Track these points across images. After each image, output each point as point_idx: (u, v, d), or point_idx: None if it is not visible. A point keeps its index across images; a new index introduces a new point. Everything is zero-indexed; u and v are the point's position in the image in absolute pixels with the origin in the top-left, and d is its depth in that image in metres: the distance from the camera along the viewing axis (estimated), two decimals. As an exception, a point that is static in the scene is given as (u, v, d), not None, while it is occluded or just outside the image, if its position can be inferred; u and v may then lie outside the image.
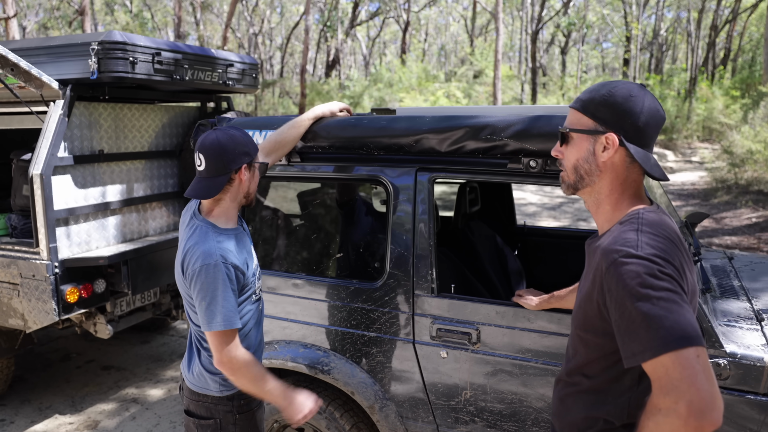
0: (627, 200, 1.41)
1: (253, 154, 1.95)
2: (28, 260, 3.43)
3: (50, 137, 3.36)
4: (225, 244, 1.89)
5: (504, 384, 2.28)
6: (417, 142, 2.30)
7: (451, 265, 2.94)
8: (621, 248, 1.26)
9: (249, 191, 2.00)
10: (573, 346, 1.49)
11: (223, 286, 1.83)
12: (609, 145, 1.37)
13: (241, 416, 2.02)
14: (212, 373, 1.99)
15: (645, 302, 1.19)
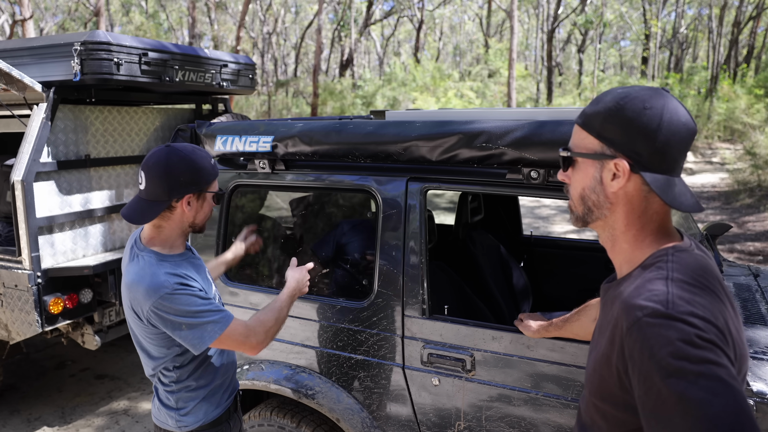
0: (649, 237, 1.14)
1: (202, 184, 1.74)
2: (10, 270, 3.29)
3: (32, 142, 3.22)
4: (175, 270, 1.71)
5: (501, 417, 2.08)
6: (406, 150, 2.10)
7: (449, 281, 2.74)
8: (646, 304, 0.99)
9: (195, 222, 1.80)
10: (589, 414, 1.20)
11: (192, 300, 1.66)
12: (619, 173, 1.10)
13: None
14: (168, 408, 1.86)
15: (680, 379, 0.92)
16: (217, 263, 2.28)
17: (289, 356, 2.45)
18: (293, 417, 2.44)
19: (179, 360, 1.80)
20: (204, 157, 1.75)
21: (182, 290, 1.65)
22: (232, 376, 2.02)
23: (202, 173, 1.73)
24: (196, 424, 1.87)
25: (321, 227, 2.76)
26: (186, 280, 1.70)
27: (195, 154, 1.73)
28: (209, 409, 1.89)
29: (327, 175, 2.37)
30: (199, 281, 1.77)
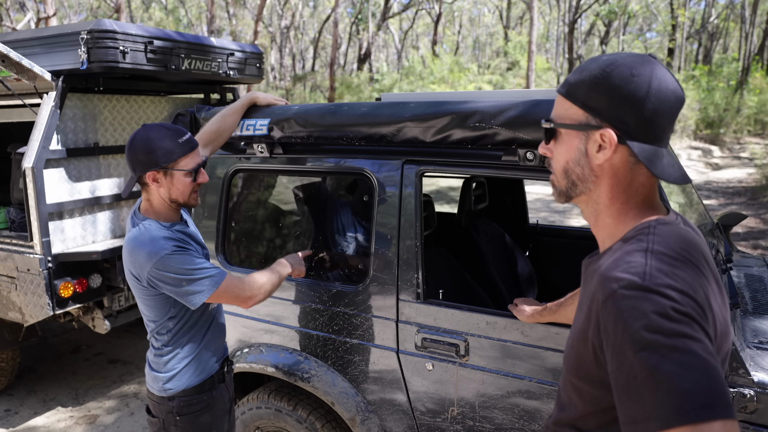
0: (633, 210, 1.10)
1: (162, 161, 1.81)
2: (23, 254, 3.36)
3: (42, 130, 3.27)
4: (170, 234, 1.85)
5: (494, 403, 2.06)
6: (399, 131, 2.09)
7: (448, 268, 2.72)
8: (622, 276, 0.95)
9: (171, 197, 1.89)
10: (566, 393, 1.18)
11: (189, 258, 1.79)
12: (605, 144, 1.06)
13: (182, 418, 1.96)
14: (155, 371, 1.97)
15: (652, 353, 0.88)
16: (226, 113, 2.33)
17: (286, 340, 2.46)
18: (290, 400, 2.46)
19: (171, 323, 1.91)
20: (166, 137, 1.81)
21: (180, 251, 1.78)
22: (219, 343, 2.09)
23: (158, 152, 1.80)
24: (179, 388, 1.94)
25: (323, 213, 2.76)
26: (182, 243, 1.82)
27: (158, 133, 1.81)
28: (193, 375, 1.96)
29: (323, 159, 2.37)
30: (193, 245, 1.89)
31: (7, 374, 4.00)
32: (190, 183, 1.88)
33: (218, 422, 2.04)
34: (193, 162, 1.87)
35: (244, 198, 2.72)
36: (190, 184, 1.88)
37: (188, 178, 1.87)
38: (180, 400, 1.95)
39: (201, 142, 2.24)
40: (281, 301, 2.45)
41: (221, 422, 2.05)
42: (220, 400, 2.05)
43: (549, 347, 1.95)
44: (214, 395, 2.02)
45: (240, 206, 2.69)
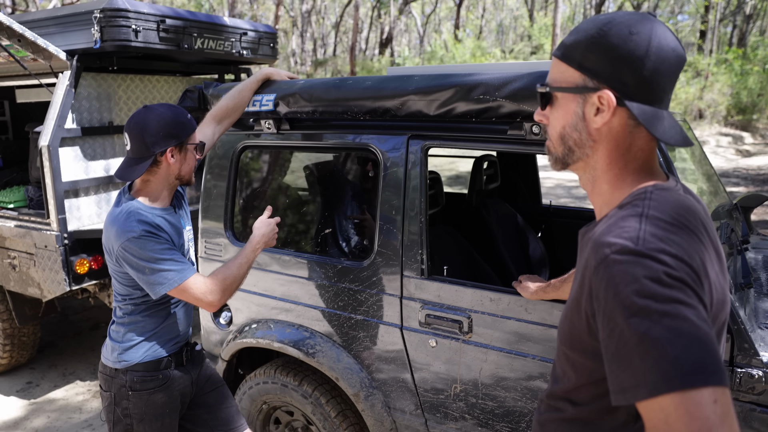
0: (631, 176, 1.06)
1: (182, 136, 1.86)
2: (41, 231, 3.42)
3: (57, 108, 3.32)
4: (148, 218, 1.83)
5: (497, 380, 2.04)
6: (403, 105, 2.06)
7: (456, 246, 2.70)
8: (615, 240, 0.92)
9: (181, 173, 1.92)
10: (560, 365, 1.15)
11: (157, 247, 1.78)
12: (603, 106, 1.02)
13: (134, 394, 1.93)
14: (114, 341, 1.97)
15: (643, 318, 0.85)
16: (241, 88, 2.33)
17: (293, 316, 2.47)
18: (296, 375, 2.47)
19: (138, 298, 1.91)
20: (179, 113, 1.87)
21: (148, 237, 1.77)
22: (182, 327, 2.05)
23: (179, 126, 1.85)
24: (134, 361, 1.92)
25: (333, 191, 2.75)
26: (154, 230, 1.80)
27: (169, 110, 1.86)
28: (150, 350, 1.95)
29: (330, 135, 2.35)
30: (170, 236, 1.87)
31: (29, 348, 4.10)
32: (197, 158, 1.93)
33: (173, 404, 1.99)
34: (197, 138, 1.94)
35: (252, 174, 2.72)
36: (196, 160, 1.94)
37: (197, 152, 1.92)
38: (134, 374, 1.92)
39: (215, 118, 2.27)
40: (289, 277, 2.46)
41: (176, 404, 2.00)
42: (178, 382, 2.00)
43: (553, 325, 1.92)
44: (170, 375, 1.98)
45: (248, 183, 2.70)
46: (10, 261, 3.62)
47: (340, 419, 2.39)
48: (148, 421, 1.93)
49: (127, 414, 1.93)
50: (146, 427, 1.94)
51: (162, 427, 1.97)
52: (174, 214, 1.97)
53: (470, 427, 2.14)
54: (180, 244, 1.95)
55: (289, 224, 2.67)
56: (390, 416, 2.31)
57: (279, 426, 2.69)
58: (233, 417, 2.17)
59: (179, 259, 1.81)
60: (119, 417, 1.94)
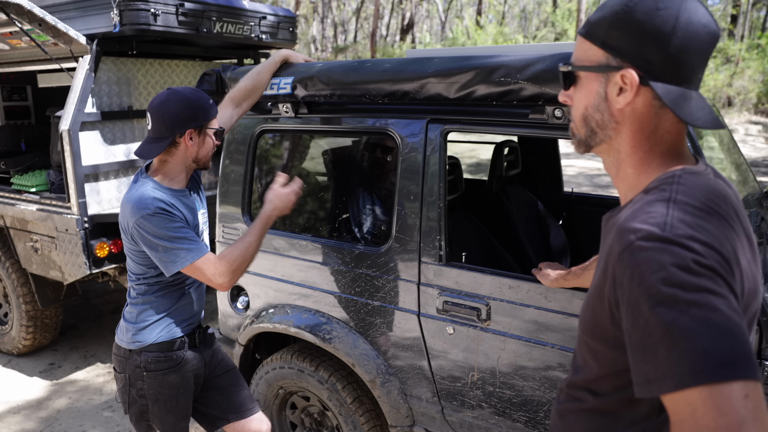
0: (657, 159, 1.01)
1: (201, 119, 1.87)
2: (62, 215, 3.46)
3: (77, 93, 3.33)
4: (163, 197, 1.83)
5: (515, 369, 2.01)
6: (422, 88, 2.02)
7: (475, 232, 2.66)
8: (641, 226, 0.87)
9: (198, 156, 1.93)
10: (581, 354, 1.11)
11: (170, 225, 1.78)
12: (626, 86, 0.97)
13: (148, 374, 1.94)
14: (128, 322, 1.97)
15: (670, 308, 0.80)
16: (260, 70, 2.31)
17: (311, 301, 2.46)
18: (312, 361, 2.46)
19: (152, 278, 1.91)
20: (201, 97, 1.88)
21: (162, 215, 1.78)
22: (196, 308, 2.06)
23: (199, 110, 1.86)
24: (147, 341, 1.93)
25: (349, 176, 2.73)
26: (170, 208, 1.81)
27: (193, 93, 1.87)
28: (164, 331, 1.95)
29: (348, 118, 2.32)
30: (184, 216, 1.87)
31: (51, 330, 4.17)
32: (215, 143, 1.93)
33: (186, 384, 2.00)
34: (217, 123, 1.95)
35: (270, 159, 2.71)
36: (213, 145, 1.93)
37: (216, 138, 1.93)
38: (148, 355, 1.93)
39: (234, 100, 2.25)
40: (305, 262, 2.44)
41: (189, 385, 2.01)
42: (192, 363, 2.01)
43: (573, 314, 1.87)
44: (184, 356, 1.99)
45: (266, 167, 2.68)
46: (33, 244, 3.66)
47: (356, 405, 2.38)
48: (162, 401, 1.94)
49: (141, 395, 1.94)
50: (161, 407, 1.95)
51: (177, 407, 1.98)
52: (189, 197, 1.97)
53: (487, 416, 2.12)
54: (194, 225, 1.95)
55: (308, 210, 2.65)
56: (406, 403, 2.30)
57: (295, 411, 2.69)
58: (245, 400, 2.17)
59: (192, 237, 1.82)
60: (134, 398, 1.95)
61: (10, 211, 3.72)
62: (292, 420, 2.72)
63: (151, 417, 1.97)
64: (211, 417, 2.16)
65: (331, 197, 2.71)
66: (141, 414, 1.97)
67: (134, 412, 1.98)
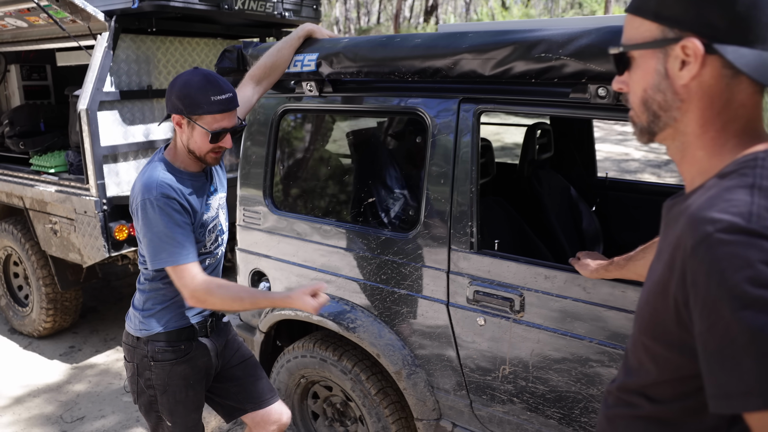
0: (733, 139, 0.88)
1: (187, 110, 1.71)
2: (80, 196, 3.41)
3: (95, 71, 3.26)
4: (172, 181, 1.74)
5: (550, 363, 1.90)
6: (455, 64, 1.89)
7: (506, 218, 2.54)
8: (721, 216, 0.76)
9: (190, 147, 1.77)
10: (636, 355, 1.00)
11: (164, 219, 1.68)
12: (689, 57, 0.85)
13: (156, 364, 1.85)
14: (135, 308, 1.90)
15: (758, 312, 0.70)
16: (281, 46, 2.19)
17: (334, 288, 2.37)
18: (335, 350, 2.38)
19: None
20: (203, 88, 1.70)
21: (162, 206, 1.68)
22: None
23: (187, 100, 1.70)
24: (154, 330, 1.84)
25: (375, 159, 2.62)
26: (175, 195, 1.72)
27: (198, 81, 1.71)
28: (172, 320, 1.86)
29: (375, 98, 2.21)
30: (189, 202, 1.77)
31: (71, 313, 4.15)
32: (209, 143, 1.75)
33: (196, 375, 1.92)
34: (217, 123, 1.73)
35: (293, 140, 2.61)
36: (209, 144, 1.75)
37: (207, 137, 1.74)
38: (155, 344, 1.84)
39: (254, 78, 2.15)
40: (329, 248, 2.35)
41: (199, 376, 1.93)
42: (202, 353, 1.93)
43: (614, 306, 1.75)
44: (194, 346, 1.90)
45: (289, 149, 2.59)
46: (52, 226, 3.63)
47: (380, 397, 2.29)
48: (171, 392, 1.86)
49: (150, 385, 1.87)
50: (170, 398, 1.87)
51: (186, 398, 1.90)
52: (203, 180, 1.86)
53: (518, 411, 2.02)
54: (202, 211, 1.84)
55: (332, 193, 2.55)
56: (433, 396, 2.20)
57: (317, 401, 2.62)
58: (263, 390, 2.09)
59: (182, 241, 1.71)
60: (142, 388, 1.88)
61: (29, 193, 3.68)
62: (314, 410, 2.65)
63: (161, 408, 1.89)
64: (228, 407, 2.09)
65: (356, 180, 2.61)
66: (150, 404, 1.90)
67: (143, 402, 1.91)
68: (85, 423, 3.15)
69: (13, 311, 4.25)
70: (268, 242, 2.54)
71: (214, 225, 1.89)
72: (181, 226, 1.71)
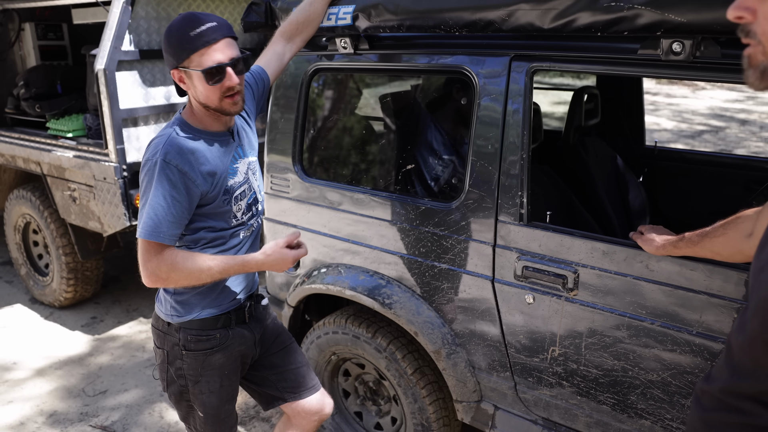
0: None
1: (176, 61, 1.54)
2: (99, 162, 3.28)
3: (113, 28, 3.09)
4: (184, 143, 1.56)
5: (605, 346, 1.75)
6: (510, 16, 1.70)
7: (554, 188, 2.37)
8: None
9: (200, 100, 1.59)
10: (752, 354, 0.85)
11: (156, 188, 1.52)
12: None
13: (188, 354, 1.70)
14: (167, 292, 1.72)
15: None
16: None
17: (368, 261, 2.23)
18: (369, 327, 2.25)
19: (189, 239, 1.65)
20: (183, 29, 1.51)
21: (160, 170, 1.52)
22: (246, 279, 1.80)
23: (173, 48, 1.54)
24: (187, 318, 1.69)
25: (414, 123, 2.45)
26: (178, 161, 1.53)
27: (177, 24, 1.54)
28: (208, 306, 1.70)
29: (416, 56, 2.03)
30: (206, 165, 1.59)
31: (93, 283, 4.07)
32: (213, 87, 1.54)
33: (232, 365, 1.78)
34: (208, 59, 1.51)
35: (324, 102, 2.44)
36: (214, 89, 1.54)
37: (207, 81, 1.53)
38: (188, 332, 1.69)
39: (284, 35, 1.97)
40: (363, 218, 2.20)
41: (235, 365, 1.79)
42: (238, 342, 1.77)
43: (682, 286, 1.59)
44: (230, 334, 1.74)
45: (320, 111, 2.42)
46: (71, 193, 3.51)
47: (417, 377, 2.17)
48: (204, 383, 1.72)
49: (181, 375, 1.72)
50: (203, 389, 1.73)
51: (221, 389, 1.76)
52: (227, 140, 1.68)
53: (568, 396, 1.88)
54: (225, 175, 1.65)
55: (366, 160, 2.39)
56: (474, 377, 2.07)
57: (348, 378, 2.51)
58: (303, 378, 1.94)
59: (162, 215, 1.51)
60: (173, 377, 1.73)
61: (46, 158, 3.56)
62: (344, 387, 2.54)
63: (192, 398, 1.75)
64: (266, 396, 1.95)
65: (393, 146, 2.44)
66: (181, 394, 1.76)
67: (173, 391, 1.76)
68: (108, 397, 3.08)
69: (34, 281, 4.18)
70: (297, 211, 2.39)
71: (242, 192, 1.71)
72: (167, 201, 1.51)
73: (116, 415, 2.92)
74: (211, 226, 1.65)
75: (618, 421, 1.81)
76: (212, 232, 1.66)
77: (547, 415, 1.97)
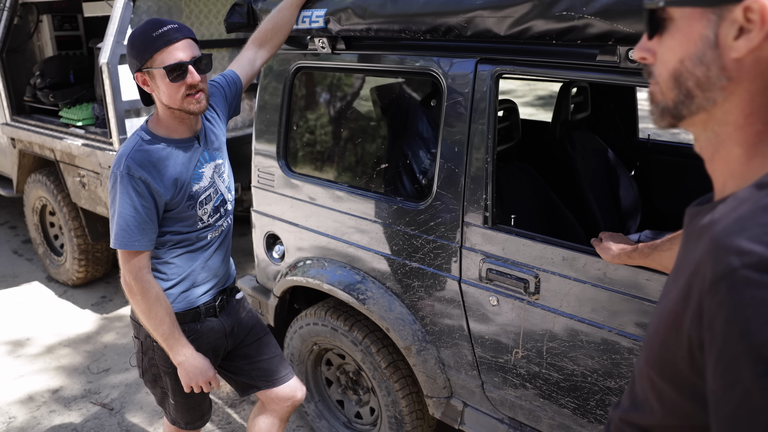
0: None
1: (139, 62, 1.59)
2: (105, 150, 3.39)
3: (116, 23, 3.17)
4: (146, 154, 1.62)
5: (565, 350, 1.77)
6: (469, 23, 1.70)
7: (531, 187, 2.36)
8: (751, 247, 0.59)
9: (164, 102, 1.64)
10: (642, 388, 0.84)
11: (123, 199, 1.60)
12: (751, 24, 0.65)
13: (159, 345, 1.77)
14: None
15: None
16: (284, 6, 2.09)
17: (345, 257, 2.28)
18: (346, 320, 2.31)
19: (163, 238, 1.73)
20: (145, 32, 1.59)
21: (125, 183, 1.60)
22: (218, 274, 1.87)
23: (135, 50, 1.61)
24: None
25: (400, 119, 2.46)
26: (141, 173, 1.61)
27: (138, 29, 1.62)
28: (175, 300, 1.78)
29: (389, 57, 2.04)
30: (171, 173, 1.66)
31: (103, 263, 4.23)
32: (175, 85, 1.58)
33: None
34: (170, 57, 1.57)
35: (307, 98, 2.47)
36: (176, 87, 1.59)
37: (169, 78, 1.58)
38: None
39: (255, 41, 2.01)
40: (341, 214, 2.25)
41: (206, 357, 1.83)
42: (208, 336, 1.84)
43: (637, 295, 1.60)
44: (199, 328, 1.82)
45: (303, 107, 2.46)
46: (80, 179, 3.65)
47: (390, 370, 2.23)
48: (174, 374, 1.81)
49: (153, 364, 1.83)
50: (173, 380, 1.82)
51: None
52: (192, 146, 1.73)
53: (531, 397, 1.91)
54: (189, 181, 1.71)
55: (344, 157, 2.42)
56: (444, 374, 2.12)
57: (330, 367, 2.58)
58: (276, 368, 2.02)
59: (133, 224, 1.61)
60: (146, 366, 1.85)
61: (58, 145, 3.70)
62: (327, 376, 2.62)
63: (165, 386, 1.87)
64: (241, 384, 2.04)
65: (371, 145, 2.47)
66: (155, 381, 1.88)
67: (148, 378, 1.89)
68: (110, 375, 3.24)
69: (50, 260, 4.38)
70: (282, 205, 2.46)
71: (207, 196, 1.77)
72: (137, 210, 1.61)
73: (116, 393, 3.08)
74: (177, 230, 1.73)
75: (579, 425, 1.83)
76: (177, 235, 1.74)
77: (513, 414, 2.01)
